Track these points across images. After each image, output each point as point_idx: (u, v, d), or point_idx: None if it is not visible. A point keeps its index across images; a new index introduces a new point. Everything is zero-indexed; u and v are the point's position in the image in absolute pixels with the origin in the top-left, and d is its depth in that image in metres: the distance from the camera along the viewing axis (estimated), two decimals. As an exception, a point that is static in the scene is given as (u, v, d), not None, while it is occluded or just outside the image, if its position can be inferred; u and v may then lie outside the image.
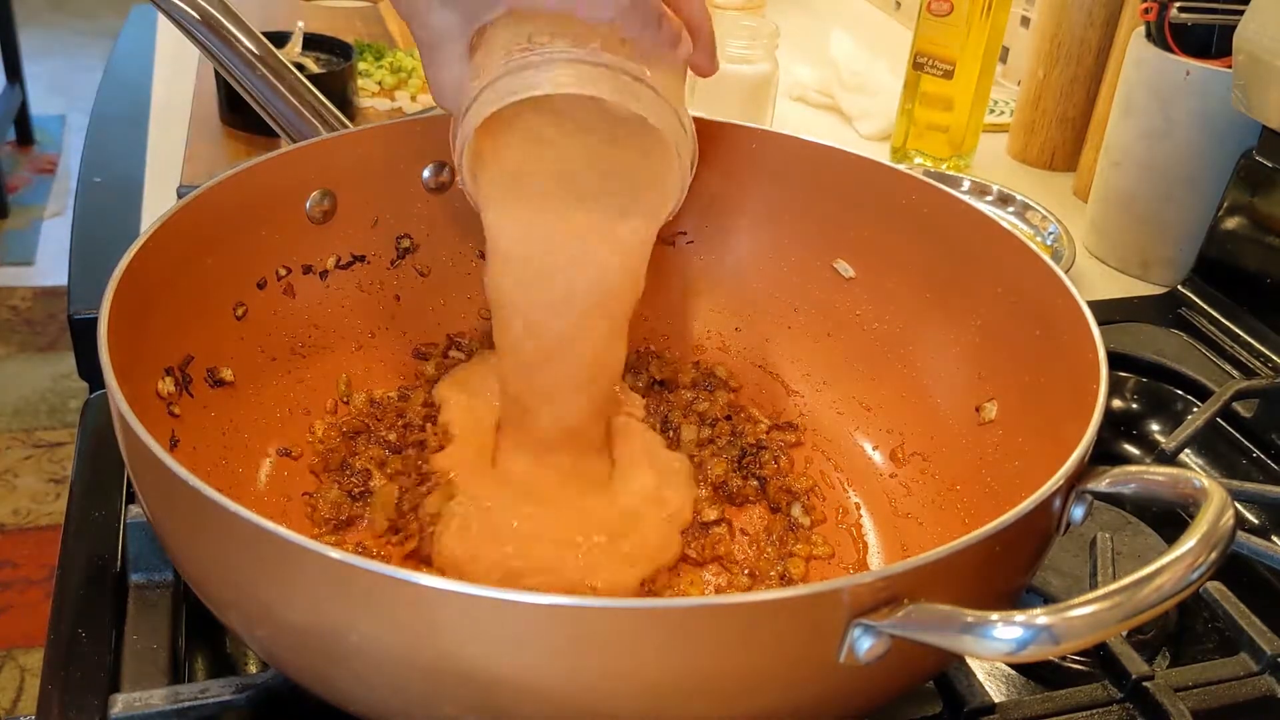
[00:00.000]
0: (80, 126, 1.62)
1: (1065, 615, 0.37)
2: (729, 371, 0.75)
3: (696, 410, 0.71)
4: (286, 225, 0.67)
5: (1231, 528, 0.41)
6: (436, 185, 0.73)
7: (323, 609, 0.41)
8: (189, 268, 0.60)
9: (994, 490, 0.61)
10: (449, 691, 0.41)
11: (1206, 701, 0.56)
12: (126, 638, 0.55)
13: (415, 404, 0.69)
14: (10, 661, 1.71)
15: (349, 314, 0.71)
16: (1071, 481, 0.46)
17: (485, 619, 0.38)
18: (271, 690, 0.51)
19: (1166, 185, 0.92)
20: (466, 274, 0.76)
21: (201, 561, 0.46)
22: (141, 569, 0.58)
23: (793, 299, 0.75)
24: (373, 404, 0.70)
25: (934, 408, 0.67)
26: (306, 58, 1.11)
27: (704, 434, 0.70)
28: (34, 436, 2.17)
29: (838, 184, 0.71)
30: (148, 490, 0.47)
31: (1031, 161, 1.16)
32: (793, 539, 0.64)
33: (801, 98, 1.28)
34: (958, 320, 0.66)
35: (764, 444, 0.69)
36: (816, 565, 0.63)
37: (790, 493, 0.67)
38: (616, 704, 0.41)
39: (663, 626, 0.38)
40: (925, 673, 0.51)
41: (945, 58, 1.07)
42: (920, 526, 0.64)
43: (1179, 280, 0.93)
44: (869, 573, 0.40)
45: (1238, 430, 0.77)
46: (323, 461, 0.65)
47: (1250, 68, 0.81)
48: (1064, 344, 0.57)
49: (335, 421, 0.68)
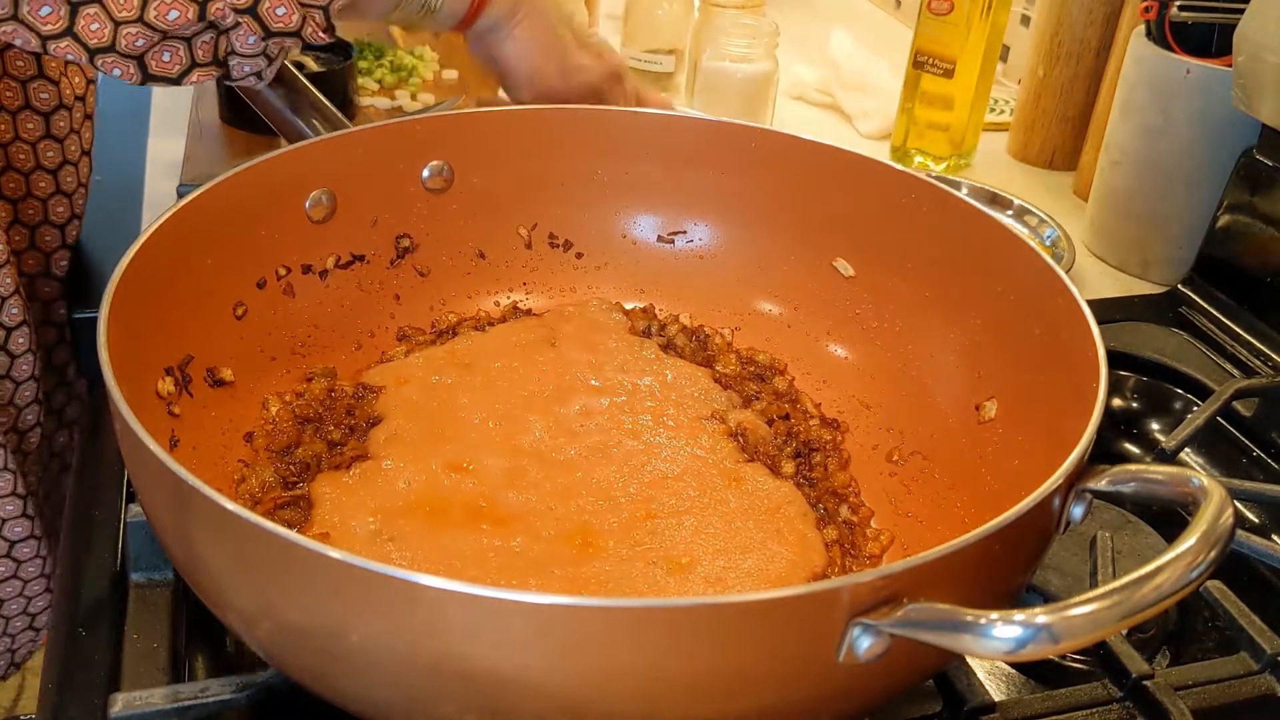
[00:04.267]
0: (80, 126, 1.64)
1: (1065, 614, 0.37)
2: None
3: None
4: (286, 225, 0.67)
5: (1231, 526, 0.41)
6: (436, 185, 0.73)
7: (323, 609, 0.41)
8: (189, 268, 0.60)
9: (994, 489, 0.61)
10: (449, 691, 0.41)
11: (1206, 700, 0.56)
12: (126, 637, 0.55)
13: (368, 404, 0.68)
14: (11, 661, 1.71)
15: (349, 314, 0.71)
16: (1071, 480, 0.46)
17: (485, 619, 0.38)
18: (271, 689, 0.51)
19: (1166, 184, 0.92)
20: (466, 274, 0.76)
21: (201, 561, 0.46)
22: (141, 568, 0.58)
23: (792, 298, 0.75)
24: (330, 393, 0.68)
25: (934, 406, 0.67)
26: (306, 56, 1.11)
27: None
28: (34, 436, 2.17)
29: (838, 183, 0.71)
30: (148, 490, 0.47)
31: (1031, 160, 1.16)
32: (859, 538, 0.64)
33: (801, 97, 1.28)
34: (958, 319, 0.66)
35: (814, 444, 0.69)
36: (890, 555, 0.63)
37: (836, 494, 0.66)
38: (616, 703, 0.41)
39: (662, 626, 0.38)
40: (925, 672, 0.51)
41: (945, 56, 1.07)
42: (920, 525, 0.64)
43: (1179, 279, 0.93)
44: (868, 572, 0.40)
45: (1238, 429, 0.77)
46: (267, 440, 0.64)
47: (1250, 66, 0.81)
48: (1064, 343, 0.57)
49: (291, 403, 0.67)
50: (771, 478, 0.65)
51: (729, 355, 0.74)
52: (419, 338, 0.73)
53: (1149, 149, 0.92)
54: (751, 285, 0.76)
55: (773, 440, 0.68)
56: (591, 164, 0.76)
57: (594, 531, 0.59)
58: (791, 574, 0.59)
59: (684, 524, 0.60)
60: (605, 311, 0.76)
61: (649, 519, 0.60)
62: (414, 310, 0.74)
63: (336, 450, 0.64)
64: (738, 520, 0.61)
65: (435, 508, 0.60)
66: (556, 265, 0.78)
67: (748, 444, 0.67)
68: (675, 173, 0.76)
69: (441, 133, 0.72)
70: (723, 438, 0.67)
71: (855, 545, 0.63)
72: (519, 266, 0.77)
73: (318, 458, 0.63)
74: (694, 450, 0.66)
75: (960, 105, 1.08)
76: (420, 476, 0.61)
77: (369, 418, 0.66)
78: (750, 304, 0.76)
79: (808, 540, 0.61)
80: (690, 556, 0.58)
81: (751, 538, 0.60)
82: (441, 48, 1.27)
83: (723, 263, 0.77)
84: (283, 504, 0.60)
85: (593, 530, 0.59)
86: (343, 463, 0.62)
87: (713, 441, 0.67)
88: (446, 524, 0.59)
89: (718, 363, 0.73)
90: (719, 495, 0.63)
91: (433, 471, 0.62)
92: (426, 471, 0.62)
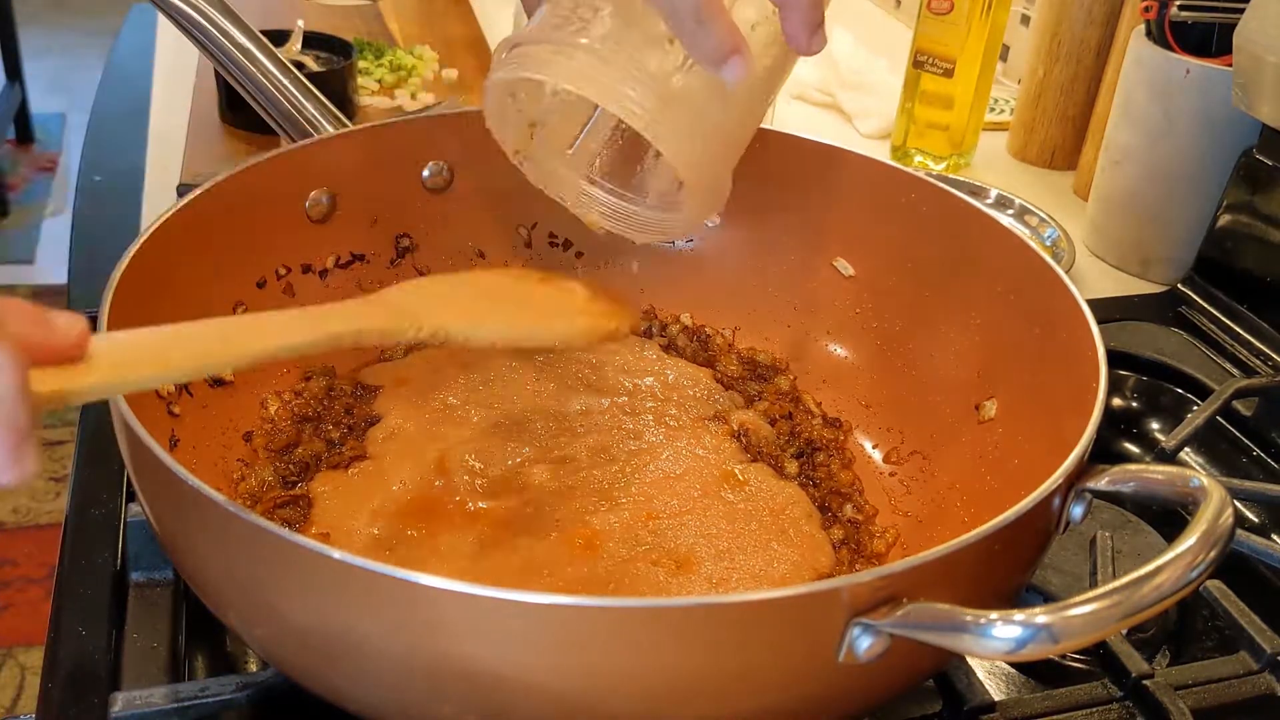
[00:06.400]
0: (80, 125, 1.63)
1: (1064, 614, 0.37)
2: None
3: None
4: (286, 224, 0.67)
5: (1231, 526, 0.41)
6: (436, 185, 0.73)
7: (323, 609, 0.41)
8: (189, 268, 0.60)
9: (994, 488, 0.61)
10: (449, 691, 0.41)
11: (1206, 700, 0.56)
12: (127, 636, 0.55)
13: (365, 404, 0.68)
14: (10, 660, 1.71)
15: (349, 313, 0.71)
16: (1071, 480, 0.46)
17: (485, 619, 0.38)
18: (271, 689, 0.51)
19: (1166, 184, 0.92)
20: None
21: (201, 561, 0.46)
22: (141, 568, 0.58)
23: (792, 298, 0.75)
24: (329, 393, 0.68)
25: (933, 406, 0.67)
26: (306, 56, 1.11)
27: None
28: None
29: (838, 183, 0.71)
30: (148, 490, 0.47)
31: (1031, 160, 1.16)
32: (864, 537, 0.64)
33: (801, 96, 1.28)
34: (957, 318, 0.66)
35: (817, 444, 0.69)
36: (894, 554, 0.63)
37: (840, 494, 0.66)
38: (616, 703, 0.41)
39: (663, 626, 0.38)
40: (925, 671, 0.51)
41: (945, 56, 1.07)
42: (920, 525, 0.64)
43: (1179, 278, 0.93)
44: (868, 571, 0.40)
45: (1238, 428, 0.77)
46: (266, 439, 0.64)
47: (1250, 66, 0.81)
48: (1064, 342, 0.57)
49: (290, 402, 0.67)
50: (775, 478, 0.65)
51: (730, 355, 0.74)
52: (419, 337, 0.73)
53: (1149, 149, 0.92)
54: (751, 285, 0.76)
55: (776, 440, 0.68)
56: (591, 164, 0.76)
57: (596, 532, 0.59)
58: (796, 575, 0.59)
59: (686, 525, 0.60)
60: (605, 312, 0.76)
61: (651, 520, 0.60)
62: (414, 310, 0.74)
63: (335, 449, 0.64)
64: (741, 521, 0.61)
65: (434, 507, 0.60)
66: (556, 265, 0.78)
67: (751, 444, 0.67)
68: (675, 172, 0.76)
69: (441, 133, 0.72)
70: (725, 438, 0.67)
71: (861, 544, 0.63)
72: (519, 266, 0.77)
73: (317, 457, 0.63)
74: (696, 450, 0.66)
75: (960, 105, 1.08)
76: (419, 476, 0.61)
77: (368, 417, 0.66)
78: (750, 304, 0.76)
79: (814, 541, 0.61)
80: (693, 557, 0.58)
81: (755, 538, 0.60)
82: (441, 48, 1.27)
83: (723, 263, 0.77)
84: (282, 503, 0.60)
85: (594, 531, 0.59)
86: (342, 462, 0.63)
87: (715, 442, 0.67)
88: (446, 524, 0.59)
89: (719, 363, 0.73)
90: (722, 496, 0.63)
91: (432, 471, 0.62)
92: (425, 471, 0.62)
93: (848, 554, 0.62)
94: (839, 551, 0.61)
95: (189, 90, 1.15)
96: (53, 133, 3.22)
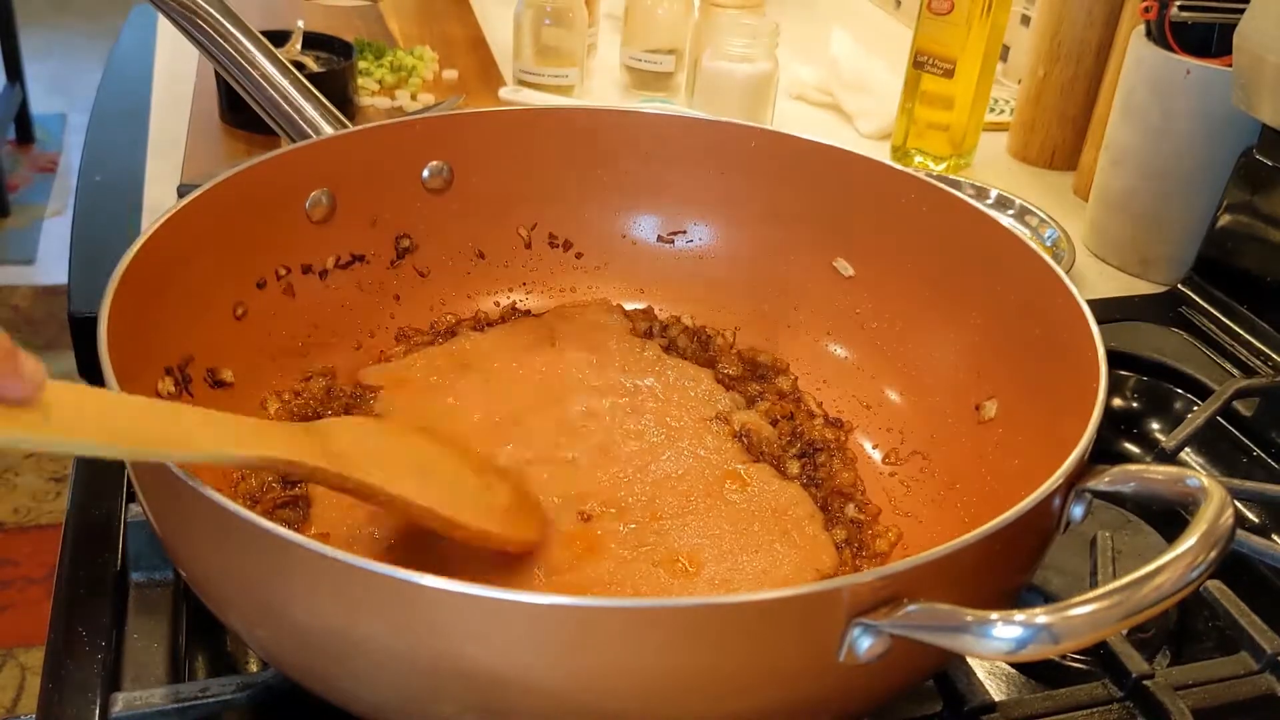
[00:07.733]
0: (81, 125, 1.63)
1: (1065, 614, 0.37)
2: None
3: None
4: (286, 225, 0.67)
5: (1231, 526, 0.41)
6: (436, 185, 0.73)
7: (323, 609, 0.41)
8: (189, 267, 0.60)
9: (994, 489, 0.61)
10: (449, 691, 0.41)
11: (1207, 700, 0.56)
12: (127, 637, 0.55)
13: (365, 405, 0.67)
14: (10, 660, 1.71)
15: (349, 314, 0.71)
16: (1071, 480, 0.46)
17: (485, 619, 0.38)
18: (272, 689, 0.51)
19: (1166, 184, 0.92)
20: (466, 274, 0.76)
21: (201, 561, 0.46)
22: (141, 568, 0.58)
23: (792, 298, 0.75)
24: (329, 393, 0.68)
25: (933, 406, 0.67)
26: (306, 56, 1.11)
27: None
28: (34, 436, 2.17)
29: (838, 183, 0.71)
30: (148, 490, 0.47)
31: (1032, 160, 1.16)
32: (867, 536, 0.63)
33: (801, 96, 1.28)
34: (957, 318, 0.66)
35: (818, 445, 0.69)
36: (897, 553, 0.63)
37: (842, 494, 0.66)
38: (616, 703, 0.41)
39: (663, 626, 0.38)
40: (925, 672, 0.51)
41: (946, 56, 1.07)
42: (920, 525, 0.64)
43: (1179, 279, 0.93)
44: (869, 572, 0.40)
45: (1238, 429, 0.77)
46: None
47: (1250, 66, 0.81)
48: (1064, 342, 0.57)
49: (290, 402, 0.67)
50: (777, 478, 0.65)
51: (731, 355, 0.74)
52: (418, 338, 0.73)
53: (1149, 149, 0.92)
54: (751, 285, 0.76)
55: (777, 441, 0.68)
56: (591, 164, 0.76)
57: (597, 533, 0.59)
58: (799, 575, 0.59)
59: (688, 525, 0.60)
60: (605, 312, 0.76)
61: (653, 520, 0.60)
62: (413, 310, 0.74)
63: None
64: (743, 521, 0.61)
65: None
66: (556, 265, 0.78)
67: (752, 445, 0.67)
68: (675, 173, 0.76)
69: (441, 133, 0.72)
70: (727, 438, 0.67)
71: (864, 544, 0.63)
72: (519, 267, 0.77)
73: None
74: (698, 451, 0.66)
75: (960, 105, 1.08)
76: None
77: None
78: (750, 304, 0.76)
79: (817, 541, 0.61)
80: (695, 558, 0.58)
81: (758, 539, 0.60)
82: (441, 48, 1.27)
83: (723, 263, 0.77)
84: (282, 503, 0.60)
85: (595, 531, 0.59)
86: None
87: (717, 442, 0.66)
88: None
89: (720, 363, 0.73)
90: (724, 496, 0.63)
91: None
92: None
93: (850, 554, 0.62)
94: (842, 552, 0.61)
95: (189, 90, 1.15)
96: (53, 133, 3.22)
